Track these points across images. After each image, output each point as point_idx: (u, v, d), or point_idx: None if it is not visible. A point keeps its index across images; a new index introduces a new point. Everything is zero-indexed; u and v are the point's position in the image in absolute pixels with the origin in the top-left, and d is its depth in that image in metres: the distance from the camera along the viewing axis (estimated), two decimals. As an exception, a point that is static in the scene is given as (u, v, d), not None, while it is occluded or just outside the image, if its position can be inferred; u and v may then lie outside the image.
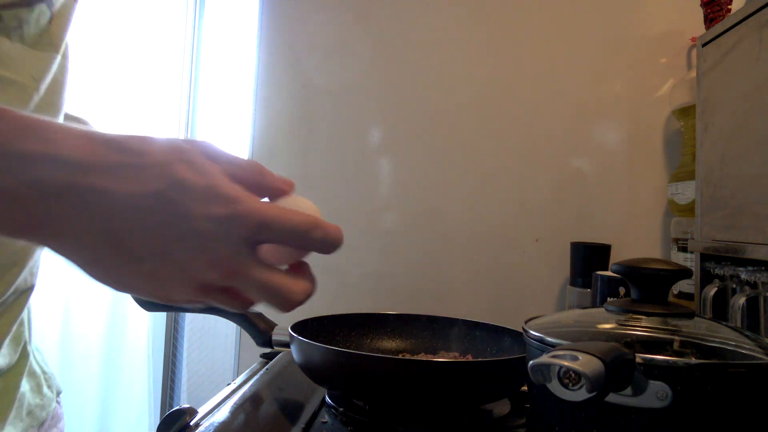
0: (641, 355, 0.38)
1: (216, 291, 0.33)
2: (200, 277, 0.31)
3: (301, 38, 1.20)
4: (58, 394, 0.59)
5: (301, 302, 0.33)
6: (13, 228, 0.30)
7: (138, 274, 0.31)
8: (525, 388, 0.58)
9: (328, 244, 0.34)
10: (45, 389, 0.57)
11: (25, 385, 0.53)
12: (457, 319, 0.80)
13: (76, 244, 0.30)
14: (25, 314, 0.54)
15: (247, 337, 0.75)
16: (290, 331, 0.66)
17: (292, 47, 1.20)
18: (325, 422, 0.60)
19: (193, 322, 1.59)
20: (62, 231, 0.30)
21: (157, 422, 0.56)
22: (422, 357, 0.76)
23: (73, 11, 0.52)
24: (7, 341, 0.50)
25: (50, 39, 0.49)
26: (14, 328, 0.51)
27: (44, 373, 0.58)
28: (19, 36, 0.44)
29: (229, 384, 0.72)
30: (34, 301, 0.55)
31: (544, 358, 0.32)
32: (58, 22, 0.50)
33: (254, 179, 0.34)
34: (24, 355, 0.54)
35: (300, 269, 0.35)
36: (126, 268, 0.31)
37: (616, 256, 1.04)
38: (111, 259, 0.31)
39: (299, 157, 1.18)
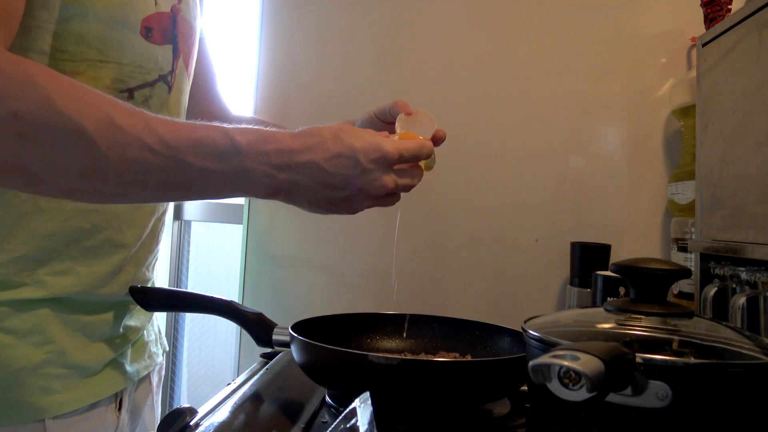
0: (641, 354, 0.38)
1: (378, 198, 0.57)
2: (372, 192, 0.55)
3: (302, 38, 1.20)
4: (164, 351, 0.79)
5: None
6: (267, 192, 0.52)
7: (338, 201, 0.55)
8: (525, 388, 0.58)
9: (427, 154, 0.59)
10: (158, 343, 0.78)
11: (150, 336, 0.75)
12: (456, 319, 0.80)
13: (301, 193, 0.53)
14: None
15: (247, 337, 0.75)
16: (290, 331, 0.66)
17: (293, 47, 1.20)
18: (325, 422, 0.60)
19: (193, 322, 1.59)
20: (293, 188, 0.52)
21: (158, 422, 0.57)
22: (422, 357, 0.76)
23: (186, 80, 0.70)
24: (134, 324, 0.70)
25: (169, 108, 0.66)
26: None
27: (159, 332, 0.79)
28: (146, 109, 0.51)
29: (229, 384, 0.72)
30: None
31: (544, 358, 0.32)
32: (176, 95, 0.67)
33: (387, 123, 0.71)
34: (149, 317, 0.75)
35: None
36: (330, 199, 0.54)
37: (616, 256, 1.04)
38: (322, 196, 0.54)
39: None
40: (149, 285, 0.73)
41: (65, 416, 0.58)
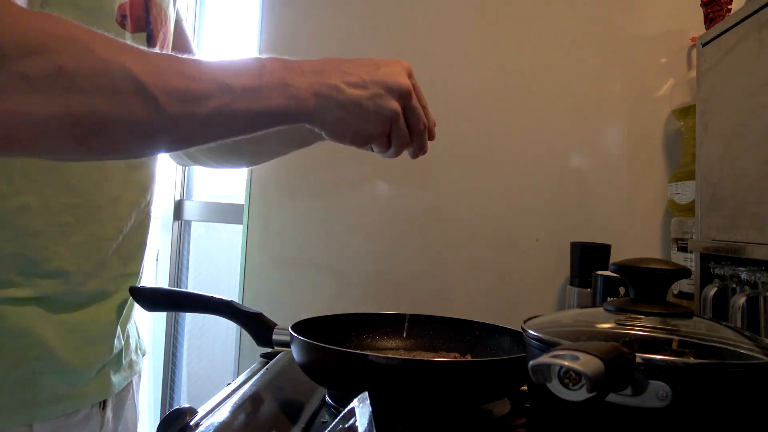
0: (641, 354, 0.38)
1: (384, 135, 0.58)
2: (382, 127, 0.57)
3: (302, 38, 1.20)
4: (144, 354, 0.78)
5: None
6: (304, 97, 0.52)
7: (354, 129, 0.55)
8: (525, 388, 0.58)
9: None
10: (138, 351, 0.76)
11: (131, 345, 0.74)
12: (456, 319, 0.80)
13: (327, 119, 0.54)
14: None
15: (247, 337, 0.75)
16: (290, 331, 0.66)
17: (293, 48, 1.20)
18: (325, 422, 0.60)
19: (193, 322, 1.59)
20: (318, 113, 0.53)
21: (157, 422, 0.57)
22: (422, 357, 0.76)
23: None
24: (119, 329, 0.69)
25: None
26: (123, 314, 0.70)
27: (138, 337, 0.78)
28: None
29: (229, 384, 0.72)
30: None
31: (545, 358, 0.32)
32: None
33: None
34: (133, 325, 0.75)
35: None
36: (350, 126, 0.55)
37: (616, 256, 1.04)
38: (342, 123, 0.54)
39: (299, 156, 1.18)
40: (139, 278, 0.72)
41: (52, 419, 0.58)
